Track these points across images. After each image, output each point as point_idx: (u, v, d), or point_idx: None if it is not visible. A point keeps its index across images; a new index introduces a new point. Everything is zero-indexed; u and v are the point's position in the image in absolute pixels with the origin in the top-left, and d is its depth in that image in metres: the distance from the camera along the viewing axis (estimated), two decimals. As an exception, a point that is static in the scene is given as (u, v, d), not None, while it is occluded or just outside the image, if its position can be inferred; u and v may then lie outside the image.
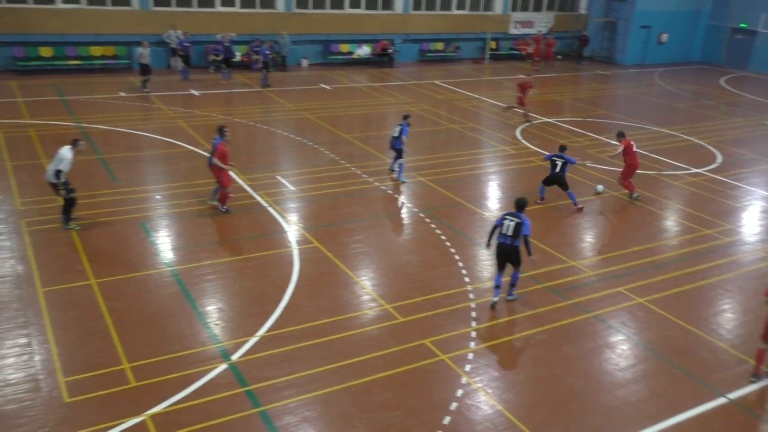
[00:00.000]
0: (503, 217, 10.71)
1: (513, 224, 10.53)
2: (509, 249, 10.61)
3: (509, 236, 10.53)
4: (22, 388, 8.17)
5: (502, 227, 10.64)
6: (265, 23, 30.17)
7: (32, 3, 26.02)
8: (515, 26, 37.25)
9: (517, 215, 10.62)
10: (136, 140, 18.43)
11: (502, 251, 10.68)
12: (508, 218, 10.64)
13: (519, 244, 10.58)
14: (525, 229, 10.49)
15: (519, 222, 10.51)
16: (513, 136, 21.29)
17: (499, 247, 10.71)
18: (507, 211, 11.07)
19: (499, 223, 10.73)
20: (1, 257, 11.35)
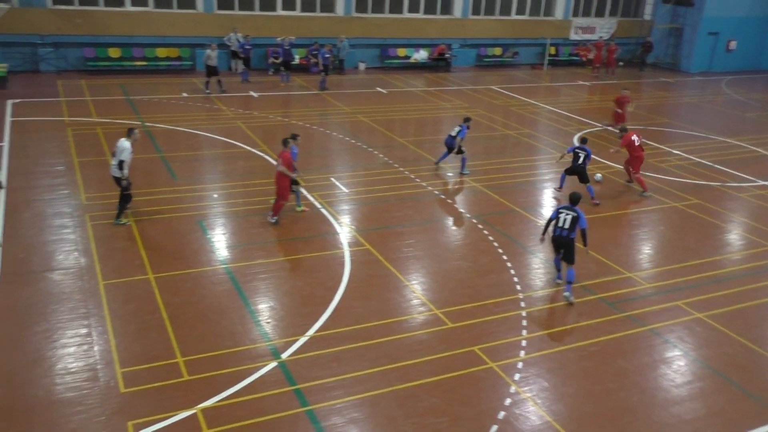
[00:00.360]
0: (558, 211, 11.17)
1: (570, 218, 10.98)
2: (565, 240, 11.02)
3: (565, 229, 10.99)
4: (82, 377, 8.47)
5: (558, 220, 11.08)
6: (325, 27, 30.53)
7: (103, 5, 27.04)
8: (576, 32, 36.63)
9: (573, 209, 11.09)
10: (197, 140, 18.91)
11: (558, 243, 11.17)
12: (563, 212, 11.10)
13: (574, 236, 10.96)
14: (582, 222, 10.97)
15: (576, 216, 10.96)
16: (570, 142, 20.90)
17: (555, 240, 11.18)
18: (561, 204, 11.52)
19: (554, 217, 11.18)
20: (66, 249, 11.80)
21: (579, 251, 11.20)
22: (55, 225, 12.76)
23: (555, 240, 11.17)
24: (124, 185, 12.81)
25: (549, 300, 11.24)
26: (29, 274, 10.90)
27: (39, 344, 9.07)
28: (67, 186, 14.66)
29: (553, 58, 36.25)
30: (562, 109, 25.56)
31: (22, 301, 10.09)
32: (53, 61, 26.41)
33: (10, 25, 24.81)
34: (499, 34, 34.92)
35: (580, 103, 27.58)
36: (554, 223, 11.16)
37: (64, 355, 8.88)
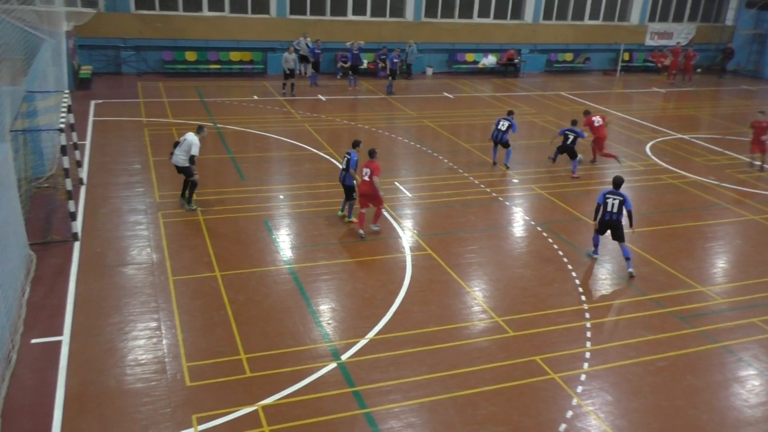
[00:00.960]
0: (605, 196, 12.07)
1: (617, 202, 11.98)
2: (615, 223, 12.06)
3: (614, 213, 12.00)
4: (150, 369, 8.78)
5: (606, 206, 12.03)
6: (394, 32, 30.71)
7: (182, 11, 28.04)
8: (652, 37, 35.50)
9: (619, 193, 12.04)
10: (265, 141, 19.34)
11: (608, 226, 12.15)
12: (610, 197, 12.04)
13: (622, 218, 11.99)
14: (628, 204, 11.97)
15: (622, 199, 11.95)
16: (642, 151, 20.30)
17: (605, 223, 12.15)
18: (606, 189, 12.22)
19: (601, 202, 12.09)
20: (140, 245, 12.28)
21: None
22: (130, 221, 13.30)
23: (605, 223, 12.12)
24: (194, 176, 13.70)
25: (615, 311, 10.93)
26: (105, 267, 11.39)
27: (112, 335, 9.47)
28: (143, 184, 15.25)
29: (627, 64, 35.27)
30: (634, 117, 24.83)
31: (97, 293, 10.56)
32: (134, 64, 27.57)
33: (95, 29, 26.03)
34: (570, 39, 34.26)
35: (654, 111, 26.72)
36: (603, 208, 12.03)
37: (135, 347, 9.23)
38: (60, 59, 19.83)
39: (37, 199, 13.80)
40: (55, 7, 19.90)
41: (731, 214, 15.40)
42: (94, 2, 26.00)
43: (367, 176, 12.95)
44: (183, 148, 13.71)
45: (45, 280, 10.80)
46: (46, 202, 13.74)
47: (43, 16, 17.91)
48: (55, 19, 19.75)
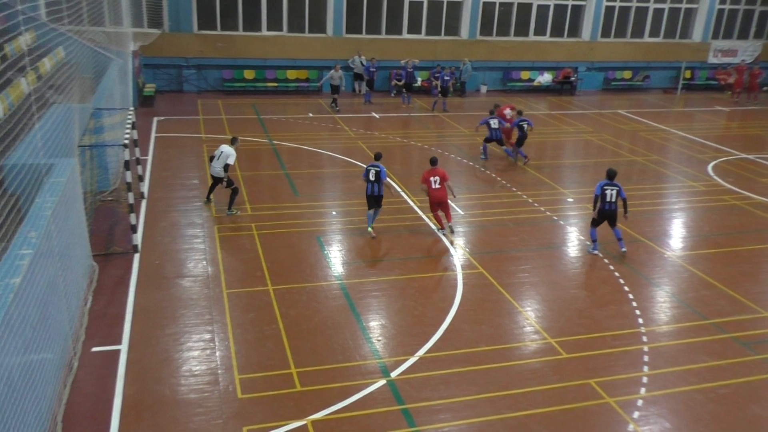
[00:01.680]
0: (602, 188, 13.03)
1: (614, 192, 13.01)
2: (612, 212, 13.10)
3: (613, 202, 13.04)
4: (204, 380, 8.94)
5: (604, 196, 13.02)
6: (448, 50, 30.80)
7: (242, 30, 28.84)
8: (715, 55, 34.55)
9: (615, 184, 13.04)
10: (319, 158, 19.60)
11: (606, 215, 13.14)
12: (607, 188, 13.03)
13: (617, 207, 13.06)
14: (623, 193, 13.07)
15: (618, 189, 12.98)
16: (704, 171, 19.70)
17: (604, 213, 13.13)
18: (603, 181, 13.13)
19: (599, 193, 13.06)
20: (196, 258, 12.57)
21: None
22: (188, 235, 13.65)
23: (604, 213, 13.10)
24: (229, 185, 14.65)
25: (674, 335, 10.57)
26: (162, 279, 11.70)
27: (168, 345, 9.69)
28: (200, 198, 15.64)
29: (688, 82, 34.38)
30: (696, 136, 24.14)
31: (155, 303, 10.84)
32: (195, 82, 28.43)
33: (160, 49, 27.02)
34: (629, 57, 33.65)
35: (717, 130, 25.91)
36: (602, 199, 13.01)
37: (189, 358, 9.42)
38: (126, 78, 20.64)
39: (100, 211, 14.32)
40: (123, 29, 20.74)
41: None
42: (159, 23, 27.03)
43: (438, 183, 13.86)
44: (221, 160, 14.57)
45: (106, 291, 11.16)
46: (109, 215, 14.24)
47: (112, 37, 18.72)
48: (123, 40, 20.60)
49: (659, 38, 34.33)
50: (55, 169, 9.80)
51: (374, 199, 13.89)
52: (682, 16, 34.38)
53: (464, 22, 31.07)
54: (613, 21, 33.21)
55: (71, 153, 10.83)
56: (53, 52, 14.36)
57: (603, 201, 13.06)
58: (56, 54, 14.39)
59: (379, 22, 30.39)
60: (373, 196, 13.85)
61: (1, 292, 6.47)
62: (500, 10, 31.70)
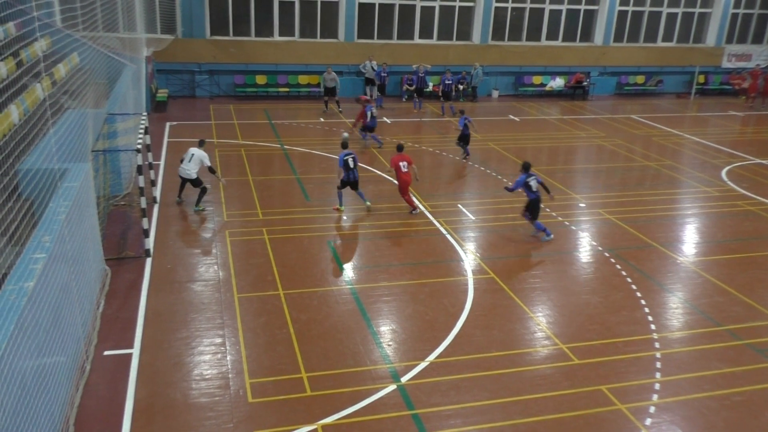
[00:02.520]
0: (526, 179, 13.96)
1: (536, 181, 13.98)
2: (538, 201, 14.06)
3: (537, 192, 13.98)
4: (214, 384, 8.97)
5: (530, 187, 13.91)
6: (460, 55, 30.79)
7: (254, 36, 29.00)
8: (729, 59, 34.32)
9: (533, 174, 14.08)
10: (330, 163, 19.62)
11: (535, 204, 14.05)
12: (531, 179, 13.98)
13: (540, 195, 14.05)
14: (539, 179, 14.14)
15: (536, 177, 14.06)
16: (718, 176, 19.55)
17: (534, 202, 14.05)
18: (524, 174, 14.05)
19: (521, 185, 14.01)
20: (208, 263, 12.63)
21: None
22: (199, 239, 13.72)
23: (534, 203, 14.00)
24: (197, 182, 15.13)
25: (687, 342, 10.48)
26: (174, 283, 11.76)
27: (179, 349, 9.74)
28: (211, 203, 15.72)
29: (702, 87, 34.17)
30: (710, 141, 23.98)
31: (167, 307, 10.90)
32: (207, 87, 28.61)
33: (173, 54, 27.22)
34: (642, 61, 33.49)
35: (732, 135, 25.71)
36: (528, 190, 13.91)
37: (201, 362, 9.46)
38: (139, 83, 20.81)
39: (113, 216, 14.43)
40: (137, 35, 20.93)
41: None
42: (172, 29, 27.24)
43: (406, 168, 15.28)
44: (194, 162, 15.09)
45: (118, 294, 11.23)
46: (121, 220, 14.35)
47: (126, 43, 18.89)
48: (137, 46, 20.77)
49: (672, 43, 34.15)
50: (68, 173, 9.89)
51: (352, 184, 15.28)
52: (696, 21, 34.18)
53: (476, 26, 31.05)
54: (626, 25, 33.08)
55: (85, 158, 10.93)
56: (68, 58, 14.53)
57: (529, 192, 13.97)
58: (71, 60, 14.56)
59: (390, 27, 30.44)
60: (350, 181, 15.24)
61: (16, 295, 6.54)
62: (512, 15, 31.67)
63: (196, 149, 15.32)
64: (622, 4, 32.42)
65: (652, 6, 33.13)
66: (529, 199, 14.13)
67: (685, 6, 33.62)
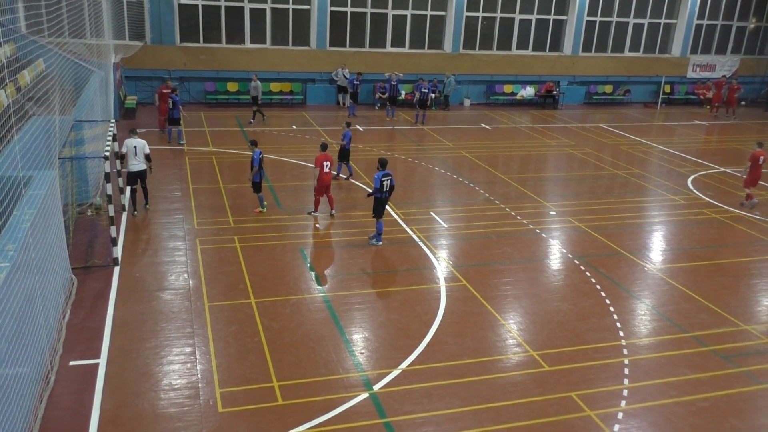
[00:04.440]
0: (382, 178, 13.70)
1: (388, 181, 13.82)
2: (386, 201, 14.04)
3: (387, 192, 13.92)
4: (184, 394, 8.84)
5: (383, 186, 13.74)
6: (432, 63, 30.99)
7: (225, 43, 28.82)
8: (694, 70, 35.11)
9: (388, 173, 13.90)
10: (303, 170, 19.57)
11: (382, 203, 13.96)
12: (386, 179, 13.79)
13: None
14: (392, 181, 14.01)
15: (391, 178, 13.95)
16: (684, 185, 19.93)
17: (381, 201, 13.93)
18: (382, 171, 13.82)
19: (379, 186, 13.69)
20: (177, 271, 12.47)
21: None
22: (169, 247, 13.54)
23: (382, 201, 13.87)
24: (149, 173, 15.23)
25: (655, 348, 10.64)
26: (143, 292, 11.58)
27: (148, 359, 9.58)
28: (182, 211, 15.54)
29: (668, 97, 34.87)
30: (676, 150, 24.45)
31: (135, 317, 10.72)
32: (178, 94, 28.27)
33: (142, 61, 26.91)
34: (610, 71, 34.07)
35: (697, 144, 26.27)
36: (381, 189, 13.72)
37: (170, 372, 9.32)
38: (107, 90, 20.50)
39: (80, 224, 14.17)
40: (104, 41, 20.65)
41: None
42: (141, 35, 26.94)
43: (329, 168, 15.21)
44: (140, 154, 14.93)
45: (85, 304, 11.02)
46: (89, 228, 14.10)
47: (93, 49, 18.60)
48: (104, 52, 20.48)
49: (639, 53, 34.81)
50: (34, 181, 9.70)
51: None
52: (662, 31, 34.90)
53: (447, 35, 31.30)
54: (594, 35, 33.63)
55: (51, 165, 10.73)
56: (33, 64, 14.27)
57: (382, 191, 13.81)
58: (36, 66, 14.30)
59: (363, 35, 30.53)
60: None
61: (-23, 305, 6.37)
62: (483, 24, 32.00)
63: (136, 140, 15.08)
64: (590, 14, 32.97)
65: (620, 16, 33.76)
66: (375, 198, 13.90)
67: (651, 17, 34.32)
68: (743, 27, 36.16)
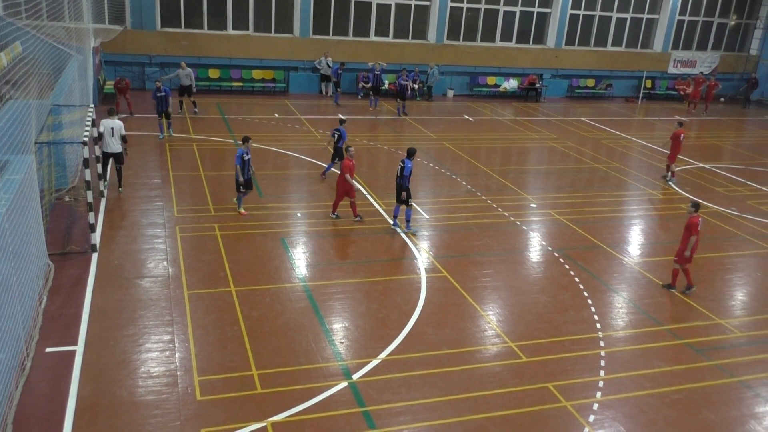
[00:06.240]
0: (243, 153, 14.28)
1: (399, 168, 14.15)
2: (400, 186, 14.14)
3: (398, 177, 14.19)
4: (162, 382, 8.81)
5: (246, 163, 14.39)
6: (416, 54, 30.93)
7: (206, 29, 28.51)
8: (675, 65, 35.44)
9: (403, 160, 14.13)
10: (285, 159, 19.49)
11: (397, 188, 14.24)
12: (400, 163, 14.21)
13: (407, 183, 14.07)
14: (407, 170, 14.04)
15: (403, 166, 14.06)
16: (663, 180, 20.15)
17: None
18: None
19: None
20: (157, 258, 12.38)
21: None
22: (148, 235, 13.43)
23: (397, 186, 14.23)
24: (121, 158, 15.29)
25: (631, 341, 10.79)
26: (122, 279, 11.49)
27: (126, 347, 9.52)
28: (162, 198, 15.41)
29: (649, 92, 35.17)
30: (656, 145, 24.68)
31: (113, 304, 10.64)
32: (158, 80, 27.94)
33: (122, 46, 26.54)
34: (592, 65, 34.26)
35: (676, 139, 26.52)
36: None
37: (148, 359, 9.27)
38: (86, 74, 20.20)
39: (58, 210, 14.00)
40: (83, 24, 20.32)
41: (752, 246, 15.20)
42: (121, 20, 26.53)
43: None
44: (116, 135, 15.03)
45: (62, 290, 10.91)
46: (67, 214, 13.93)
47: (72, 33, 18.31)
48: (83, 36, 20.16)
49: (622, 47, 35.02)
50: (10, 165, 9.55)
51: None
52: (644, 26, 35.14)
53: (432, 26, 31.25)
54: (578, 29, 33.78)
55: (28, 150, 10.57)
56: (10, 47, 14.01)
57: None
58: (13, 49, 14.04)
59: (346, 23, 30.38)
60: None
61: (-49, 291, 6.28)
62: (467, 15, 31.99)
63: (112, 120, 15.10)
64: (573, 8, 33.09)
65: (603, 10, 33.92)
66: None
67: (634, 11, 34.53)
68: (724, 24, 36.54)
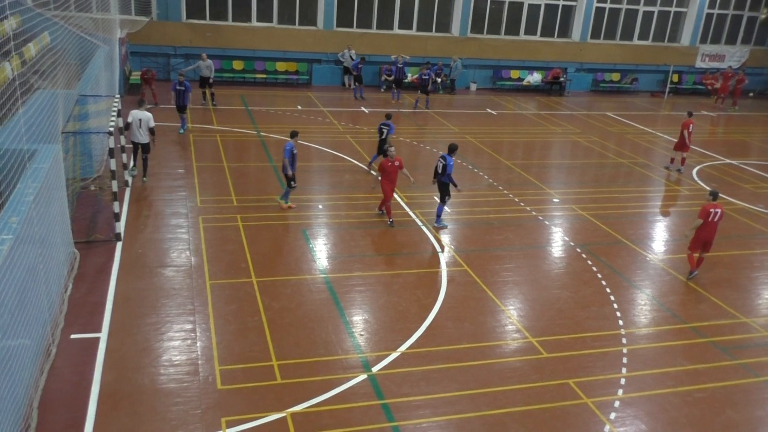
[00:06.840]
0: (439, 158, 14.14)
1: (440, 165, 13.99)
2: (438, 183, 14.23)
3: (439, 173, 14.08)
4: (183, 370, 8.90)
5: (437, 168, 14.16)
6: (439, 47, 30.80)
7: (231, 21, 28.65)
8: (703, 59, 34.85)
9: (444, 157, 13.96)
10: (307, 151, 19.52)
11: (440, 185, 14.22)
12: (440, 160, 14.02)
13: (445, 179, 13.97)
14: (449, 168, 13.86)
15: (444, 164, 13.86)
16: (688, 175, 19.87)
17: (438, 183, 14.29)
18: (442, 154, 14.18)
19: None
20: (180, 248, 12.50)
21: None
22: (172, 224, 13.56)
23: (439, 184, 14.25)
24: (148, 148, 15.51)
25: (654, 338, 10.67)
26: (145, 268, 11.62)
27: (148, 335, 9.64)
28: (185, 188, 15.54)
29: (676, 86, 34.64)
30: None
31: (136, 293, 10.77)
32: (182, 71, 28.15)
33: (147, 37, 26.78)
34: (618, 59, 33.83)
35: (703, 135, 26.11)
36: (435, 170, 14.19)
37: (170, 348, 9.37)
38: (112, 65, 20.43)
39: (83, 199, 14.19)
40: (110, 15, 20.52)
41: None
42: (147, 11, 26.75)
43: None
44: (144, 127, 15.19)
45: (87, 278, 11.07)
46: (92, 203, 14.12)
47: (99, 24, 18.51)
48: (110, 27, 20.37)
49: (648, 41, 34.54)
50: (38, 154, 9.69)
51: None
52: (671, 20, 34.61)
53: (455, 19, 31.07)
54: (603, 22, 33.37)
55: (55, 139, 10.72)
56: (39, 38, 14.21)
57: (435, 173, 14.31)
58: (42, 39, 14.24)
59: (370, 16, 30.31)
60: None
61: (-20, 277, 6.40)
62: (491, 9, 31.75)
63: (141, 112, 15.32)
64: (599, 1, 32.68)
65: (629, 4, 33.45)
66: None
67: (662, 4, 34.00)
68: (754, 17, 35.83)
